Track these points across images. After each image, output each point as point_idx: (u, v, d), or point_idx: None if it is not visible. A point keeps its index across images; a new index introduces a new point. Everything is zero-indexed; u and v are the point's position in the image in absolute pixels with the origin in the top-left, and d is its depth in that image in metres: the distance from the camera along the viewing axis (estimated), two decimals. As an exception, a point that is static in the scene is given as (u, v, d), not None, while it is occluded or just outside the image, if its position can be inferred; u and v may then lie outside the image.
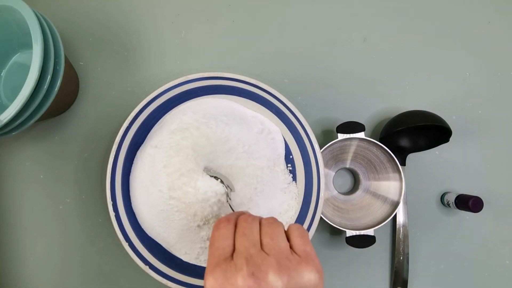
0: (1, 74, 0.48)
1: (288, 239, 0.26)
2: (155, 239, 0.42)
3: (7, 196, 0.49)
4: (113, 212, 0.39)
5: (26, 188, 0.48)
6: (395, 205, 0.43)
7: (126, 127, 0.41)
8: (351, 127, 0.44)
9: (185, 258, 0.42)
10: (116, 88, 0.50)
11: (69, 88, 0.47)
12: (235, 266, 0.24)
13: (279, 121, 0.44)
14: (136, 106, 0.41)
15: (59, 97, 0.42)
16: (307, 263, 0.24)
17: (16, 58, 0.47)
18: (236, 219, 0.28)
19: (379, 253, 0.48)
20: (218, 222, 0.28)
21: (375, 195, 0.46)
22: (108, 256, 0.47)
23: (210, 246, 0.27)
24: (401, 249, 0.46)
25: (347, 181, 0.50)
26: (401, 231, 0.46)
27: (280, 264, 0.24)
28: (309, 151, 0.42)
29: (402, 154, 0.47)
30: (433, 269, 0.48)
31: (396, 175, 0.44)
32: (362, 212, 0.46)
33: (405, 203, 0.47)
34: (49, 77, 0.39)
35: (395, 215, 0.46)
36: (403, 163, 0.47)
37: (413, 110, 0.46)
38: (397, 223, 0.47)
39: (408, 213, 0.47)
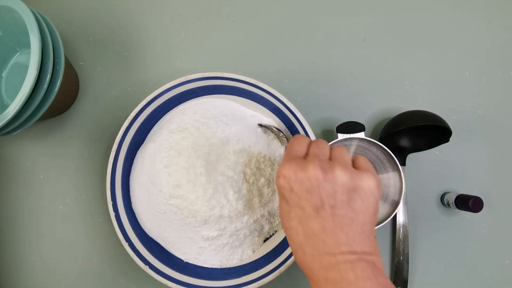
0: (2, 75, 0.48)
1: (353, 165, 0.30)
2: (155, 239, 0.42)
3: (7, 196, 0.49)
4: (113, 212, 0.39)
5: (26, 188, 0.49)
6: (395, 205, 0.43)
7: (126, 127, 0.41)
8: (351, 127, 0.44)
9: (185, 258, 0.42)
10: (116, 88, 0.50)
11: (69, 88, 0.47)
12: (307, 161, 0.28)
13: (279, 121, 0.44)
14: (136, 106, 0.41)
15: (59, 97, 0.42)
16: (368, 172, 0.28)
17: (16, 58, 0.47)
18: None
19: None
20: (297, 136, 0.32)
21: (375, 195, 0.46)
22: (108, 256, 0.47)
23: (288, 149, 0.31)
24: (401, 249, 0.46)
25: (347, 181, 0.50)
26: (401, 231, 0.46)
27: (344, 166, 0.28)
28: None
29: (402, 154, 0.47)
30: (433, 269, 0.48)
31: (396, 175, 0.44)
32: (362, 212, 0.46)
33: (405, 203, 0.47)
34: (48, 76, 0.39)
35: (395, 215, 0.46)
36: (403, 163, 0.47)
37: (413, 110, 0.46)
38: (397, 223, 0.46)
39: (408, 213, 0.47)
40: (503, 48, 0.51)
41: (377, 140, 0.44)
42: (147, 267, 0.39)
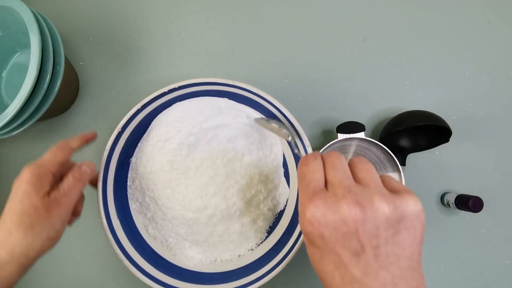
0: (2, 75, 0.48)
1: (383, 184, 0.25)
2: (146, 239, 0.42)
3: (7, 196, 0.48)
4: (103, 214, 0.39)
5: (26, 188, 0.48)
6: (395, 205, 0.43)
7: (113, 140, 0.40)
8: (351, 127, 0.44)
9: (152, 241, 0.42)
10: (116, 88, 0.50)
11: (69, 88, 0.47)
12: (335, 195, 0.23)
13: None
14: (136, 105, 0.41)
15: (59, 97, 0.42)
16: (410, 194, 0.23)
17: (16, 58, 0.47)
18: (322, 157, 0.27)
19: (379, 253, 0.48)
20: (305, 159, 0.27)
21: (375, 195, 0.46)
22: (108, 256, 0.47)
23: (301, 181, 0.26)
24: (401, 249, 0.46)
25: (347, 181, 0.50)
26: (401, 231, 0.46)
27: (383, 194, 0.23)
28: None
29: (402, 154, 0.47)
30: (433, 269, 0.48)
31: (396, 175, 0.44)
32: (362, 212, 0.46)
33: (405, 203, 0.47)
34: (48, 76, 0.39)
35: (395, 215, 0.46)
36: (403, 163, 0.47)
37: (413, 110, 0.46)
38: (397, 223, 0.46)
39: (408, 213, 0.47)
40: (503, 48, 0.51)
41: (377, 140, 0.44)
42: (130, 265, 0.39)
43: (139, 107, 0.40)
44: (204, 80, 0.40)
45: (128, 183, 0.42)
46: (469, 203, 0.43)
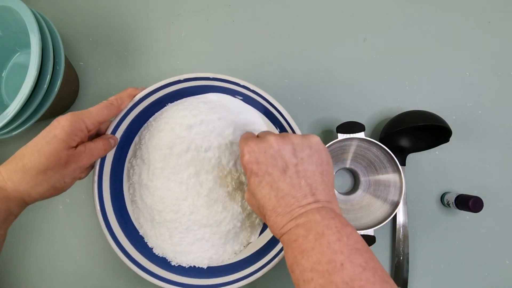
0: (2, 75, 0.48)
1: None
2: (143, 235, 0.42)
3: (7, 196, 0.49)
4: (99, 210, 0.39)
5: (26, 188, 0.48)
6: (395, 205, 0.43)
7: (114, 126, 0.40)
8: (351, 127, 0.44)
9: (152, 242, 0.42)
10: (116, 88, 0.50)
11: (69, 88, 0.47)
12: (263, 136, 0.32)
13: (269, 122, 0.44)
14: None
15: (59, 97, 0.42)
16: (312, 135, 0.33)
17: (16, 58, 0.47)
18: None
19: (379, 253, 0.48)
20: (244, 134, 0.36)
21: (375, 195, 0.46)
22: (108, 256, 0.47)
23: (241, 138, 0.35)
24: (401, 249, 0.46)
25: (347, 181, 0.50)
26: (401, 231, 0.46)
27: (296, 134, 0.33)
28: None
29: (402, 154, 0.47)
30: (433, 269, 0.48)
31: (396, 175, 0.44)
32: (362, 212, 0.46)
33: (405, 203, 0.47)
34: (48, 76, 0.39)
35: (395, 215, 0.46)
36: (403, 163, 0.47)
37: (413, 110, 0.46)
38: (397, 223, 0.46)
39: (408, 213, 0.47)
40: (503, 48, 0.51)
41: (377, 140, 0.44)
42: (128, 261, 0.39)
43: (179, 79, 0.40)
44: (213, 75, 0.41)
45: (131, 148, 0.42)
46: (469, 203, 0.43)
